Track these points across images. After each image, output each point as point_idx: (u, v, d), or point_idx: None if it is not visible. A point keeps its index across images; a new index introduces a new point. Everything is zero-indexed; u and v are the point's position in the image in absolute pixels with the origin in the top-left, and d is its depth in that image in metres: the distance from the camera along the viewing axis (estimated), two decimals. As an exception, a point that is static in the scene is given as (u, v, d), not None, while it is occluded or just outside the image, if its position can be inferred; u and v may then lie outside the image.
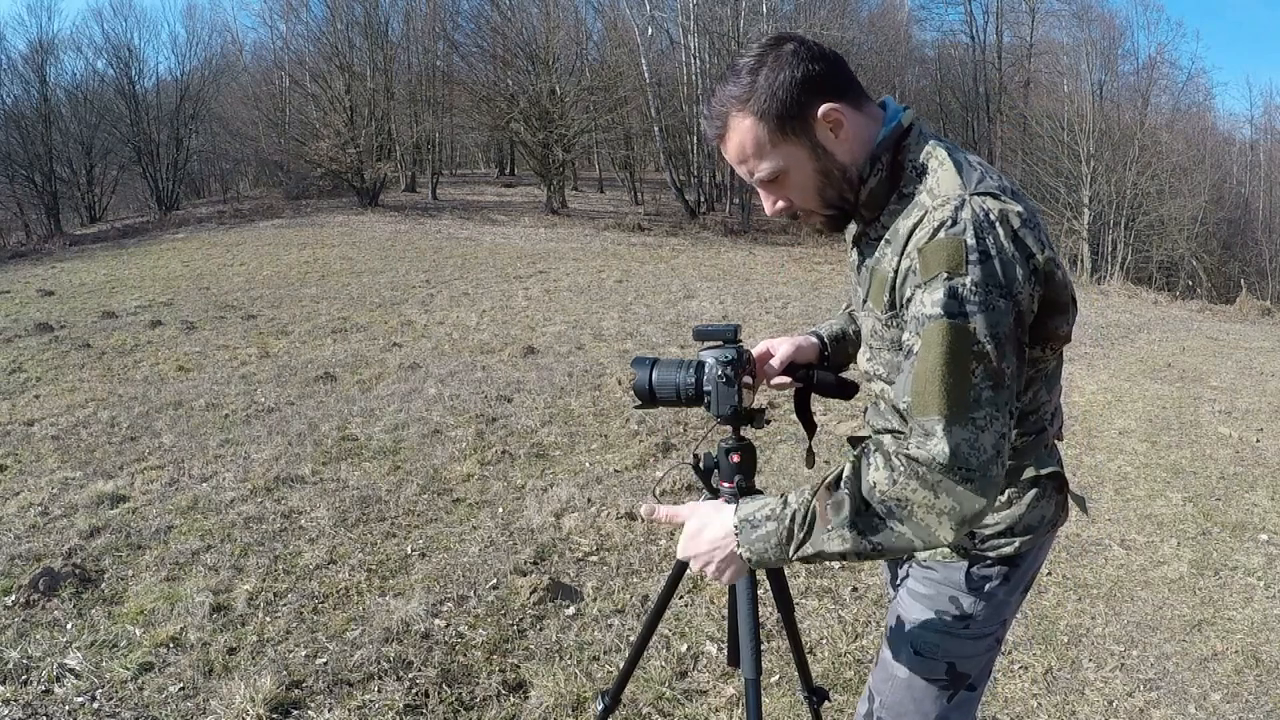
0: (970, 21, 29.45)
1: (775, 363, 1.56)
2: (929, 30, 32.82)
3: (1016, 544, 1.31)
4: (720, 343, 1.52)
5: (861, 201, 1.25)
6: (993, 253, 1.09)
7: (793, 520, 1.12)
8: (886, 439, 1.13)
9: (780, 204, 1.27)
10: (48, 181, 22.60)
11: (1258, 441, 5.42)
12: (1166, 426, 5.76)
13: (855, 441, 1.48)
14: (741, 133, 1.19)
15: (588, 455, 4.73)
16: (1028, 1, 28.59)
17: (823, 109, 1.17)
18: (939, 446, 1.05)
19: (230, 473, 4.34)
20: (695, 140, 23.71)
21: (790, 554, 1.13)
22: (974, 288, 1.07)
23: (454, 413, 5.48)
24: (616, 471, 4.44)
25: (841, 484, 1.12)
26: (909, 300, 1.14)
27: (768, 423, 1.64)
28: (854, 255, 1.37)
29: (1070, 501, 1.38)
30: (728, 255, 16.85)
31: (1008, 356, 1.09)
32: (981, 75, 28.67)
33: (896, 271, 1.18)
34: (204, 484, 4.20)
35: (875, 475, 1.09)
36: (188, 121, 26.08)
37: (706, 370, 1.53)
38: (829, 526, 1.10)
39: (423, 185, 25.74)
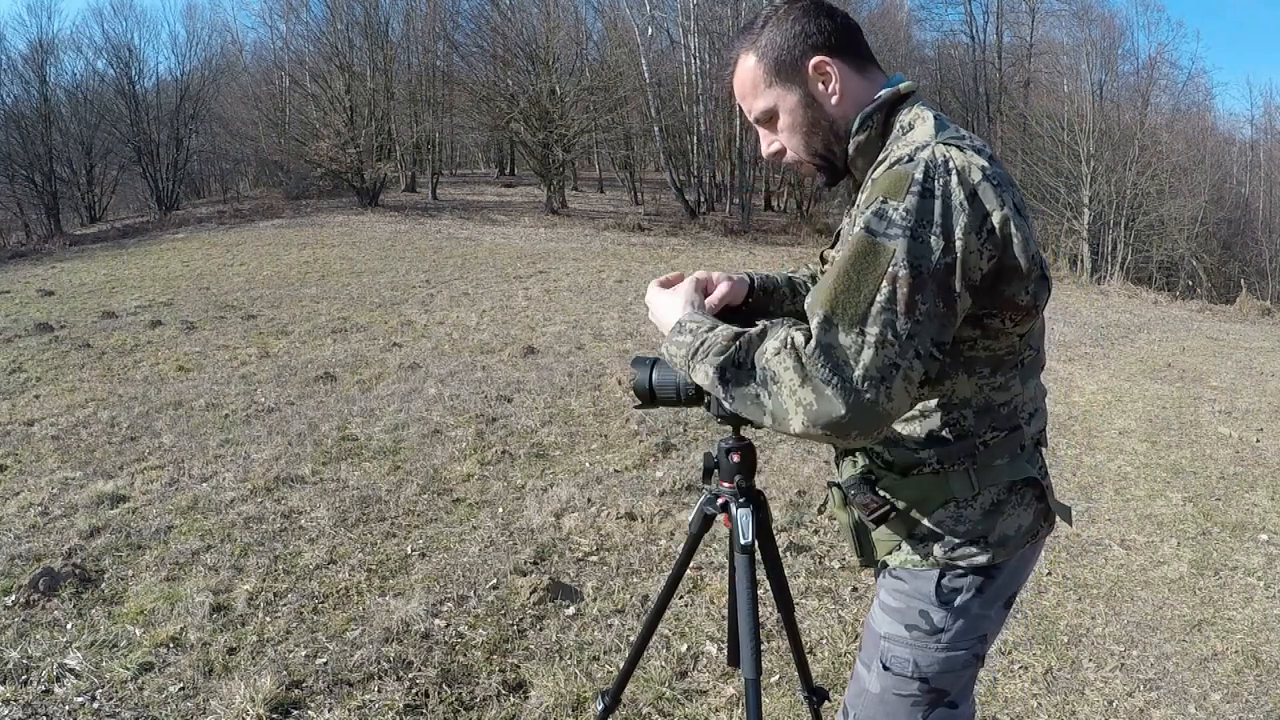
0: (970, 21, 29.48)
1: (712, 300, 1.44)
2: (929, 30, 32.81)
3: (990, 554, 1.26)
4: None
5: (850, 158, 1.29)
6: (936, 192, 1.09)
7: (702, 344, 1.19)
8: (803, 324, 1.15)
9: (774, 146, 1.34)
10: (48, 181, 22.59)
11: (1258, 441, 5.42)
12: (1166, 426, 5.76)
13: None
14: (743, 71, 1.30)
15: (588, 455, 4.73)
16: (1028, 1, 28.61)
17: (814, 60, 1.25)
18: (810, 340, 1.09)
19: (230, 473, 4.34)
20: (695, 140, 23.72)
21: (688, 370, 1.21)
22: (905, 213, 1.08)
23: (454, 413, 5.48)
24: (616, 471, 4.44)
25: (744, 335, 1.17)
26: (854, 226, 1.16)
27: (768, 422, 1.64)
28: (844, 222, 1.37)
29: (1054, 512, 1.32)
30: (728, 255, 16.84)
31: (927, 294, 1.08)
32: (981, 75, 28.67)
33: (858, 207, 1.20)
34: (204, 484, 4.20)
35: (769, 343, 1.13)
36: (188, 121, 26.07)
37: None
38: (704, 358, 1.17)
39: (423, 185, 25.74)
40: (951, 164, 1.11)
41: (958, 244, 1.09)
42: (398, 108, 24.50)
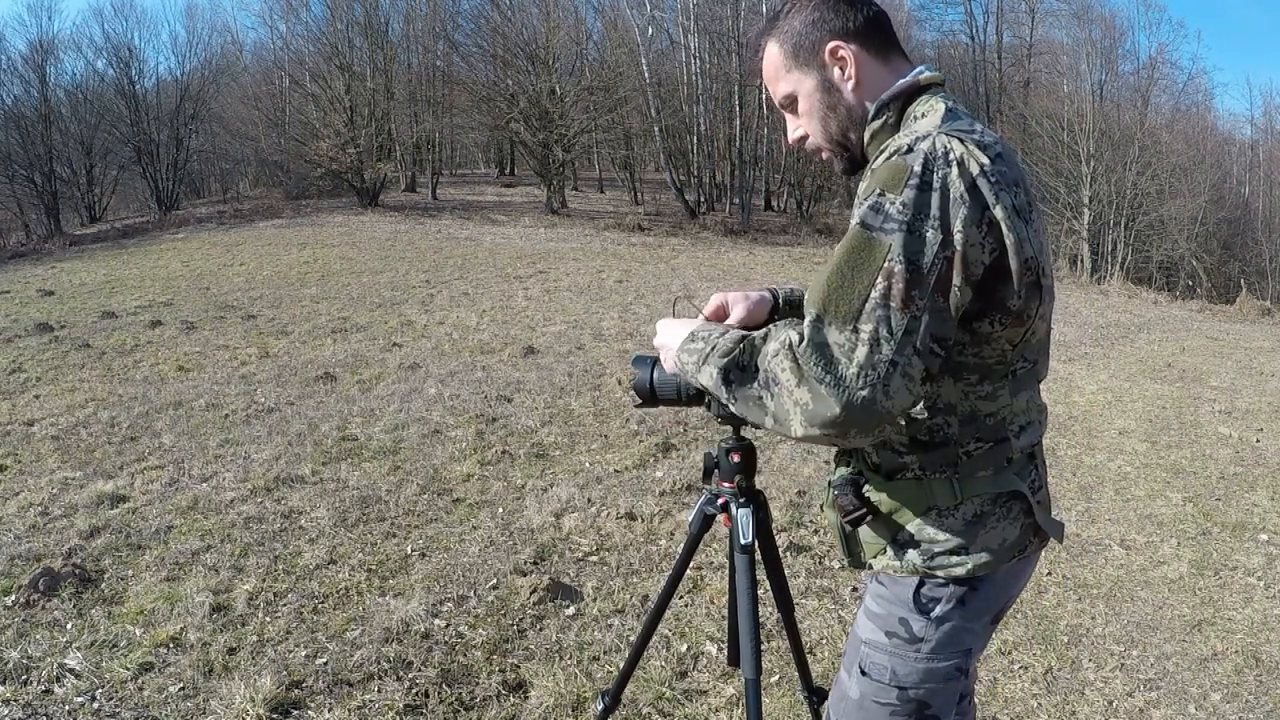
0: (970, 21, 29.50)
1: (730, 324, 1.44)
2: (929, 30, 32.80)
3: (969, 565, 1.22)
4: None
5: (866, 144, 1.29)
6: (935, 185, 1.07)
7: (713, 349, 1.19)
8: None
9: (798, 132, 1.36)
10: (48, 181, 22.58)
11: (1258, 441, 5.42)
12: (1166, 426, 5.76)
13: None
14: (767, 57, 1.33)
15: (588, 455, 4.73)
16: (1028, 1, 28.62)
17: (830, 45, 1.26)
18: (804, 339, 1.07)
19: (230, 473, 4.34)
20: (695, 140, 23.72)
21: (697, 374, 1.21)
22: (901, 207, 1.06)
23: (454, 413, 5.48)
24: (616, 471, 4.44)
25: (749, 338, 1.17)
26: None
27: (768, 422, 1.64)
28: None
29: (1045, 528, 1.28)
30: (728, 255, 16.84)
31: (924, 289, 1.05)
32: (981, 75, 28.68)
33: (857, 197, 1.19)
34: (204, 484, 4.20)
35: (770, 344, 1.13)
36: (188, 121, 26.07)
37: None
38: (706, 360, 1.17)
39: (423, 185, 25.74)
40: (951, 155, 1.09)
41: (957, 237, 1.07)
42: (398, 108, 24.50)
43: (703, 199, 23.74)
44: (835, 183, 25.94)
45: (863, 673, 1.30)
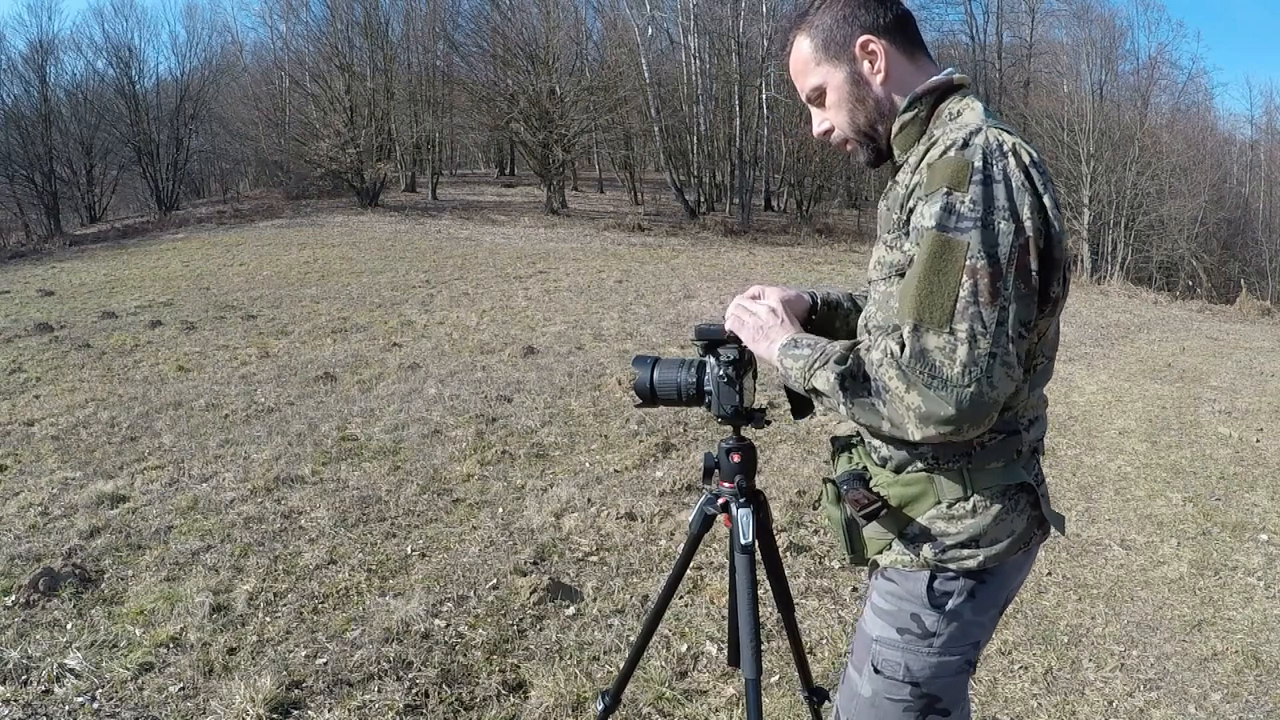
0: (970, 21, 29.46)
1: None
2: (929, 30, 32.68)
3: (981, 557, 1.24)
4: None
5: (894, 137, 1.31)
6: (997, 177, 1.12)
7: (824, 356, 1.23)
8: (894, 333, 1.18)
9: (824, 125, 1.38)
10: (48, 181, 22.58)
11: (1258, 441, 5.42)
12: (1166, 426, 5.76)
13: (837, 441, 1.44)
14: (796, 51, 1.36)
15: (588, 455, 4.73)
16: (1028, 1, 28.61)
17: (861, 39, 1.29)
18: (905, 349, 1.12)
19: (230, 473, 4.34)
20: (695, 140, 23.72)
21: (805, 380, 1.25)
22: (971, 204, 1.10)
23: (454, 413, 5.48)
24: (616, 471, 4.44)
25: (857, 348, 1.22)
26: (912, 211, 1.18)
27: (768, 423, 1.64)
28: (881, 205, 1.39)
29: (1048, 519, 1.31)
30: (728, 255, 16.84)
31: (1008, 278, 1.10)
32: (981, 75, 28.64)
33: (907, 189, 1.22)
34: (204, 484, 4.20)
35: (874, 354, 1.17)
36: (188, 121, 26.07)
37: (708, 370, 1.53)
38: (824, 365, 1.21)
39: (423, 185, 25.75)
40: (1005, 146, 1.14)
41: (1026, 223, 1.11)
42: (398, 108, 24.51)
43: (703, 199, 23.74)
44: (835, 182, 25.97)
45: (875, 670, 1.31)
